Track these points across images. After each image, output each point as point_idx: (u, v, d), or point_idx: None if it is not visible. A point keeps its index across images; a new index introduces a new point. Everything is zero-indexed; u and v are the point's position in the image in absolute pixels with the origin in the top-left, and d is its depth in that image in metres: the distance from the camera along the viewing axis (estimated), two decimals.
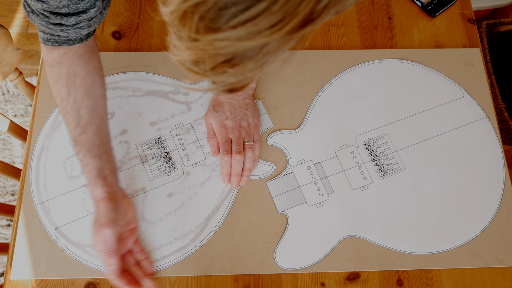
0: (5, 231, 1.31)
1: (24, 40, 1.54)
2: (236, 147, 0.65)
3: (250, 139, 0.66)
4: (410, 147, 0.70)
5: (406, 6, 0.81)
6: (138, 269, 0.60)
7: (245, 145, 0.66)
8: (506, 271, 0.64)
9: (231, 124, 0.66)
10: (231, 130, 0.66)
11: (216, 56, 0.31)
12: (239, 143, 0.65)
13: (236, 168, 0.65)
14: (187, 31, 0.30)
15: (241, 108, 0.67)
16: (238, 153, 0.64)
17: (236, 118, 0.66)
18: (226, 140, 0.66)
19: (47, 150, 0.68)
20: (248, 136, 0.67)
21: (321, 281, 0.63)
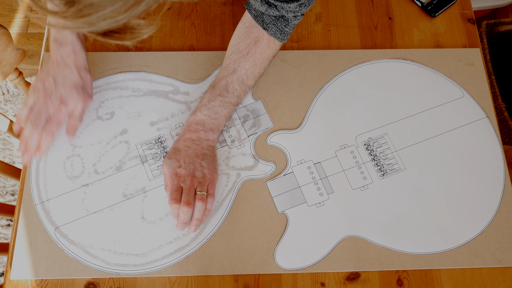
0: (5, 231, 1.31)
1: (24, 40, 1.54)
2: (185, 198, 0.60)
3: (203, 189, 0.62)
4: (410, 147, 0.70)
5: (406, 6, 0.81)
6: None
7: (196, 196, 0.61)
8: (506, 271, 0.64)
9: (183, 173, 0.62)
10: (183, 178, 0.62)
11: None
12: (188, 194, 0.61)
13: (183, 218, 0.61)
14: None
15: (197, 157, 0.63)
16: (186, 204, 0.60)
17: (190, 167, 0.62)
18: (177, 188, 0.62)
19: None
20: (200, 186, 0.62)
21: (321, 281, 0.63)
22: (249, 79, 0.67)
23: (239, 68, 0.66)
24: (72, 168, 0.67)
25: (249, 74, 0.67)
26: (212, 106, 0.65)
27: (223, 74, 0.67)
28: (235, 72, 0.66)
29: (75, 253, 0.63)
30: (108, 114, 0.71)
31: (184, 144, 0.64)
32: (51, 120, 0.64)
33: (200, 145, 0.64)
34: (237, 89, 0.66)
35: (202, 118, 0.65)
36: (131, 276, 0.62)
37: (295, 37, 0.78)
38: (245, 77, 0.66)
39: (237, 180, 0.67)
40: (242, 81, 0.66)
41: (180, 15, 0.79)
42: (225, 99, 0.66)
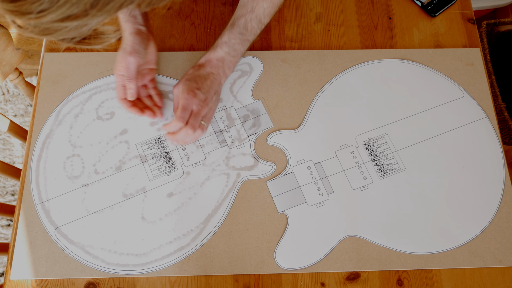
0: (5, 231, 1.31)
1: (24, 40, 1.54)
2: (193, 121, 0.64)
3: (205, 121, 0.66)
4: (410, 147, 0.70)
5: (406, 6, 0.81)
6: (149, 100, 0.70)
7: (200, 124, 0.65)
8: (506, 271, 0.64)
9: (200, 96, 0.64)
10: (197, 101, 0.64)
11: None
12: (196, 119, 0.64)
13: (181, 136, 0.65)
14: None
15: (212, 90, 0.66)
16: (191, 127, 0.63)
17: (206, 95, 0.65)
18: (189, 105, 0.63)
19: (47, 150, 0.68)
20: (205, 118, 0.66)
21: (321, 281, 0.63)
22: (265, 17, 0.69)
23: (258, 7, 0.67)
24: (72, 168, 0.67)
25: (266, 13, 0.68)
26: (232, 44, 0.68)
27: (242, 12, 0.68)
28: (253, 11, 0.67)
29: (75, 253, 0.63)
30: (108, 114, 0.71)
31: (205, 72, 0.67)
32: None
33: (217, 80, 0.68)
34: (254, 27, 0.69)
35: (223, 55, 0.67)
36: (131, 276, 0.62)
37: (295, 37, 0.78)
38: (262, 16, 0.68)
39: (237, 180, 0.67)
40: (259, 19, 0.68)
41: (180, 15, 0.79)
42: (244, 37, 0.68)
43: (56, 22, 0.34)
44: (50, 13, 0.33)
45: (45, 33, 0.35)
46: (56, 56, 0.74)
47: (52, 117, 0.70)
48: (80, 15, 0.34)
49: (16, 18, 0.34)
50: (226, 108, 0.71)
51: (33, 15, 0.33)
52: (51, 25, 0.34)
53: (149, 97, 0.71)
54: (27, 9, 0.33)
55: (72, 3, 0.32)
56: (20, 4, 0.32)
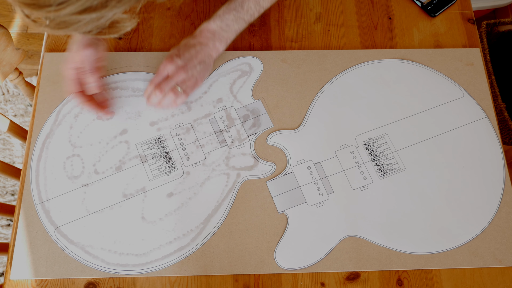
0: (5, 231, 1.31)
1: (24, 40, 1.54)
2: (163, 85, 0.65)
3: (183, 87, 0.66)
4: (410, 147, 0.70)
5: (406, 6, 0.81)
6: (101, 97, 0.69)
7: (174, 88, 0.65)
8: (506, 271, 0.64)
9: (178, 62, 0.65)
10: (174, 66, 0.65)
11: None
12: (168, 83, 0.65)
13: (152, 99, 0.66)
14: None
15: (196, 59, 0.66)
16: (158, 89, 0.64)
17: (186, 62, 0.65)
18: (163, 74, 0.65)
19: (47, 150, 0.68)
20: (182, 83, 0.66)
21: (321, 281, 0.63)
22: (265, 1, 0.69)
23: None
24: (72, 168, 0.67)
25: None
26: (226, 19, 0.68)
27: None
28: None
29: (75, 253, 0.63)
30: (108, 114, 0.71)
31: (192, 42, 0.67)
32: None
33: (205, 51, 0.67)
34: (251, 8, 0.69)
35: (214, 28, 0.68)
36: (131, 276, 0.62)
37: (295, 37, 0.78)
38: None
39: (237, 180, 0.67)
40: (257, 1, 0.69)
41: (180, 15, 0.79)
42: (239, 14, 0.68)
43: (74, 15, 0.33)
44: (69, 5, 0.32)
45: (61, 26, 0.35)
46: (56, 56, 0.74)
47: (52, 117, 0.70)
48: (99, 6, 0.33)
49: (33, 11, 0.33)
50: (226, 108, 0.71)
51: (52, 7, 0.32)
52: (68, 18, 0.34)
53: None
54: (45, 2, 0.32)
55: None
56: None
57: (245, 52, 0.75)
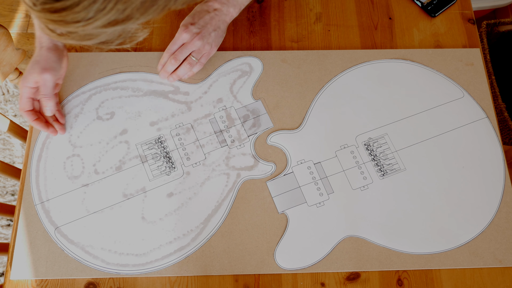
0: (5, 231, 1.31)
1: (24, 40, 1.54)
2: (178, 53, 0.66)
3: (197, 56, 0.67)
4: (410, 147, 0.70)
5: (406, 6, 0.81)
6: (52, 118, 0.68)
7: (188, 58, 0.67)
8: (506, 271, 0.64)
9: (193, 30, 0.65)
10: (189, 35, 0.66)
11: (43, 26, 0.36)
12: (183, 52, 0.66)
13: (168, 68, 0.68)
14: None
15: (211, 25, 0.67)
16: (174, 58, 0.66)
17: (202, 29, 0.66)
18: (179, 42, 0.66)
19: (47, 150, 0.68)
20: (197, 52, 0.67)
21: (321, 281, 0.63)
22: None
23: None
24: (72, 168, 0.67)
25: None
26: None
27: None
28: None
29: (75, 253, 0.63)
30: (108, 114, 0.71)
31: (205, 8, 0.67)
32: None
33: (219, 16, 0.67)
34: None
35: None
36: (131, 276, 0.62)
37: (295, 37, 0.78)
38: None
39: (237, 180, 0.67)
40: None
41: (180, 15, 0.79)
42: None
43: (100, 28, 0.34)
44: (96, 20, 0.33)
45: (86, 39, 0.36)
46: None
47: None
48: (124, 19, 0.34)
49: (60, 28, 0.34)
50: (226, 108, 0.71)
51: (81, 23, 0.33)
52: (93, 31, 0.34)
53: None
54: (72, 19, 0.33)
55: (118, 9, 0.32)
56: (65, 14, 0.32)
57: (245, 52, 0.75)
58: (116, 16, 0.33)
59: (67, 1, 0.31)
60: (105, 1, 0.32)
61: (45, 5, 0.32)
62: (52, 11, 0.32)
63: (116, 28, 0.35)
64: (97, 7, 0.32)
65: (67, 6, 0.32)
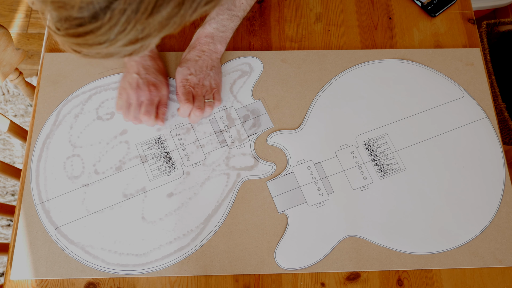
0: (5, 231, 1.31)
1: (24, 40, 1.54)
2: (198, 103, 0.67)
3: (210, 97, 0.69)
4: (410, 147, 0.70)
5: (406, 6, 0.81)
6: None
7: (205, 103, 0.68)
8: (506, 271, 0.64)
9: (194, 80, 0.67)
10: (193, 85, 0.68)
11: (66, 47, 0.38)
12: (199, 100, 0.68)
13: (194, 120, 0.69)
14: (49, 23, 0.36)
15: (206, 68, 0.69)
16: (198, 109, 0.67)
17: (200, 76, 0.68)
18: (188, 91, 0.67)
19: (47, 150, 0.68)
20: (208, 94, 0.69)
21: (321, 281, 0.63)
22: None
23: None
24: (72, 168, 0.67)
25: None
26: (220, 20, 0.69)
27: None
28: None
29: (75, 253, 0.63)
30: (108, 114, 0.71)
31: (195, 54, 0.69)
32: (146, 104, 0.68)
33: (209, 56, 0.69)
34: (243, 3, 0.69)
35: (211, 31, 0.69)
36: (131, 276, 0.62)
37: (295, 37, 0.78)
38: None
39: (237, 180, 0.67)
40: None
41: None
42: (233, 12, 0.69)
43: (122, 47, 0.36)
44: (117, 42, 0.35)
45: (108, 56, 0.38)
46: (56, 56, 0.74)
47: (52, 117, 0.70)
48: (144, 37, 0.35)
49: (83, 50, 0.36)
50: (226, 108, 0.71)
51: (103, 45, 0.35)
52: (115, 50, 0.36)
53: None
54: (95, 41, 0.34)
55: (137, 29, 0.34)
56: (88, 38, 0.34)
57: (245, 52, 0.75)
58: (136, 35, 0.35)
59: (89, 26, 0.33)
60: (125, 23, 0.33)
61: (69, 31, 0.34)
62: (76, 36, 0.34)
63: (137, 45, 0.36)
64: (118, 30, 0.33)
65: (89, 31, 0.33)
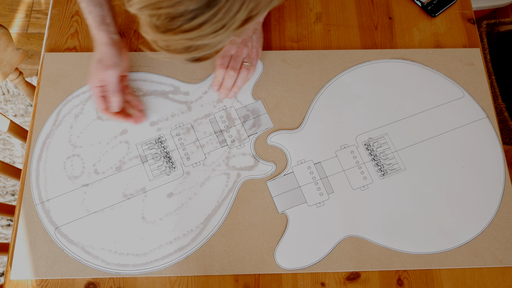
0: (5, 231, 1.31)
1: (24, 40, 1.54)
2: (233, 63, 0.67)
3: (249, 61, 0.69)
4: (410, 147, 0.70)
5: (406, 6, 0.81)
6: (129, 106, 0.70)
7: (242, 64, 0.68)
8: (506, 271, 0.64)
9: (237, 40, 0.68)
10: (235, 45, 0.68)
11: (175, 47, 0.39)
12: (237, 61, 0.68)
13: (227, 83, 0.68)
14: (149, 27, 0.37)
15: (250, 31, 0.69)
16: (232, 69, 0.67)
17: (243, 38, 0.68)
18: (227, 55, 0.68)
19: (47, 150, 0.68)
20: (248, 57, 0.69)
21: (321, 281, 0.63)
22: None
23: None
24: (72, 168, 0.67)
25: None
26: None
27: None
28: None
29: (75, 253, 0.63)
30: None
31: None
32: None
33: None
34: None
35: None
36: (131, 276, 0.62)
37: (295, 37, 0.78)
38: None
39: (237, 180, 0.67)
40: None
41: None
42: None
43: (233, 31, 0.36)
44: (233, 24, 0.35)
45: (188, 50, 0.38)
46: (56, 56, 0.74)
47: (52, 117, 0.70)
48: (255, 14, 0.35)
49: (195, 43, 0.36)
50: (226, 108, 0.71)
51: (219, 32, 0.35)
52: (224, 36, 0.36)
53: (127, 103, 0.70)
54: (210, 30, 0.35)
55: (249, 7, 0.34)
56: (204, 29, 0.34)
57: None
58: (249, 13, 0.34)
59: (204, 16, 0.33)
60: (239, 3, 0.33)
61: (184, 26, 0.34)
62: (190, 30, 0.34)
63: (246, 25, 0.36)
64: (233, 11, 0.33)
65: (205, 20, 0.33)
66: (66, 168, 0.67)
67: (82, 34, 0.77)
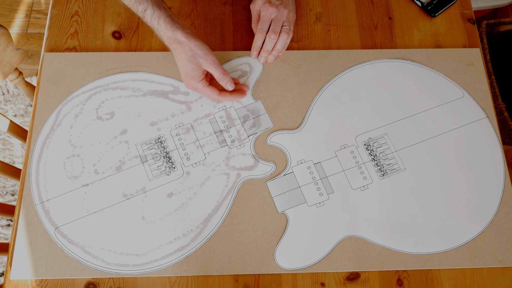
0: (5, 231, 1.31)
1: (24, 40, 1.54)
2: (274, 27, 0.68)
3: (288, 25, 0.69)
4: (410, 147, 0.70)
5: (406, 6, 0.81)
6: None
7: (282, 28, 0.69)
8: (506, 271, 0.64)
9: (276, 3, 0.68)
10: (275, 8, 0.68)
11: None
12: (277, 24, 0.68)
13: (268, 45, 0.69)
14: None
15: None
16: (273, 32, 0.68)
17: (282, 1, 0.69)
18: (267, 19, 0.68)
19: (47, 150, 0.68)
20: (287, 21, 0.70)
21: (321, 281, 0.63)
22: None
23: None
24: (72, 168, 0.67)
25: None
26: None
27: None
28: None
29: (75, 253, 0.63)
30: (108, 114, 0.71)
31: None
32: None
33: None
34: None
35: None
36: (131, 276, 0.62)
37: (295, 37, 0.78)
38: None
39: (237, 180, 0.67)
40: None
41: (180, 15, 0.79)
42: None
43: None
44: None
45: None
46: (56, 56, 0.74)
47: (52, 117, 0.70)
48: None
49: None
50: (226, 108, 0.71)
51: None
52: None
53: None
54: None
55: None
56: None
57: (245, 52, 0.75)
58: None
59: None
60: None
61: None
62: None
63: None
64: None
65: None
66: (66, 168, 0.67)
67: (82, 34, 0.77)
